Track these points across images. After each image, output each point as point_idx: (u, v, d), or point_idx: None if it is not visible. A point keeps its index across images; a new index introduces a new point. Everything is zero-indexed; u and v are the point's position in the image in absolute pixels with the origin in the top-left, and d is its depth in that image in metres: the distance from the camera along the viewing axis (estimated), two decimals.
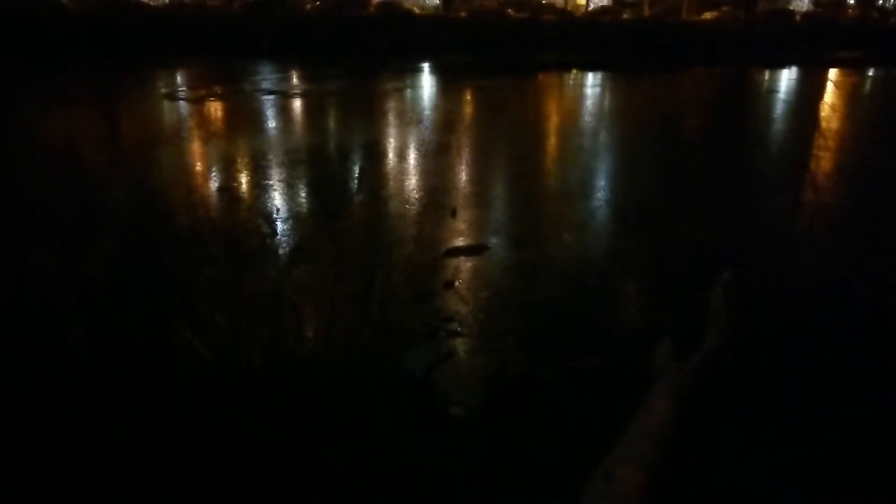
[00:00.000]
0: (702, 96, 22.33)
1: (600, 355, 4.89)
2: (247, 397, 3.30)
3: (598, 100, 20.72)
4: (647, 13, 41.64)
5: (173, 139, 12.93)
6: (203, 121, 15.23)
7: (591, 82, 24.54)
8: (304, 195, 9.43)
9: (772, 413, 4.12)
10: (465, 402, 4.30)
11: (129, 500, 2.93)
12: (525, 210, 8.91)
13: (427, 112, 17.03)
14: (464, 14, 38.38)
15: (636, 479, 2.46)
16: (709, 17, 41.08)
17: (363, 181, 9.16)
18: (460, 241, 7.34)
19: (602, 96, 21.47)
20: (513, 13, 38.68)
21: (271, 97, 18.30)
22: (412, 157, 11.77)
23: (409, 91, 20.88)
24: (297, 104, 17.88)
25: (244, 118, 15.68)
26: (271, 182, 9.77)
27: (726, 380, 4.02)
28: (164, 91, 19.42)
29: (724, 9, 41.69)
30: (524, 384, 4.55)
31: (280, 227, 7.79)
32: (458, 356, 5.03)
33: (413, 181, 10.15)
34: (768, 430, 3.95)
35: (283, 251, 6.78)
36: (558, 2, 43.31)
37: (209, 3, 37.87)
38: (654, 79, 25.45)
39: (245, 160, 11.21)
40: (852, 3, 47.21)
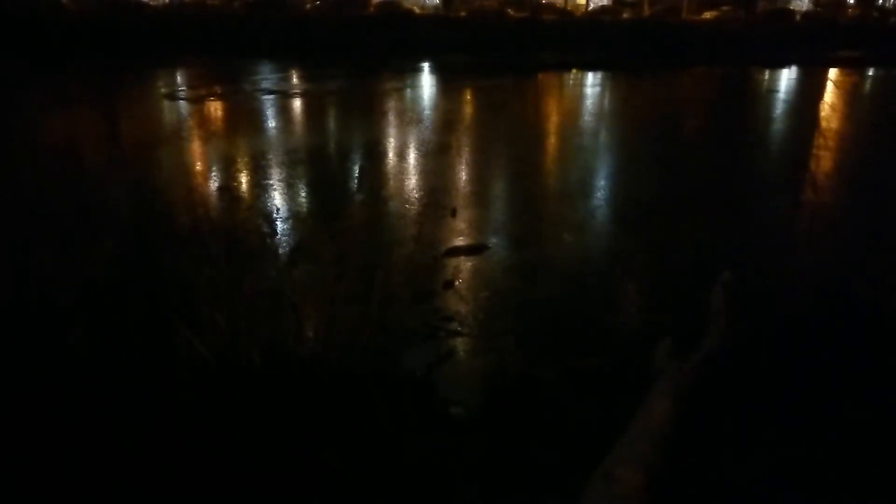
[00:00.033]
0: (702, 96, 22.32)
1: (600, 355, 4.89)
2: (247, 397, 3.31)
3: (598, 99, 20.72)
4: (647, 13, 41.60)
5: (173, 139, 12.93)
6: (203, 120, 15.23)
7: (591, 82, 24.53)
8: (303, 195, 9.43)
9: (772, 413, 4.12)
10: (465, 401, 4.30)
11: (129, 500, 2.93)
12: (525, 210, 8.91)
13: (427, 112, 17.02)
14: (464, 14, 38.35)
15: (636, 479, 2.46)
16: (709, 16, 41.02)
17: (363, 181, 9.15)
18: (460, 241, 7.34)
19: (602, 96, 21.46)
20: (513, 13, 38.65)
21: (271, 97, 18.30)
22: (412, 156, 11.77)
23: (408, 91, 20.87)
24: (297, 104, 17.88)
25: (244, 118, 15.68)
26: (271, 182, 9.77)
27: (726, 380, 4.01)
28: (164, 91, 19.41)
29: (725, 8, 41.64)
30: (524, 384, 4.55)
31: (280, 226, 7.79)
32: (458, 356, 5.04)
33: (413, 181, 10.15)
34: (768, 430, 3.95)
35: (282, 251, 6.78)
36: (558, 1, 43.27)
37: (209, 3, 37.84)
38: (654, 78, 25.44)
39: (245, 160, 11.21)
40: (852, 2, 47.18)
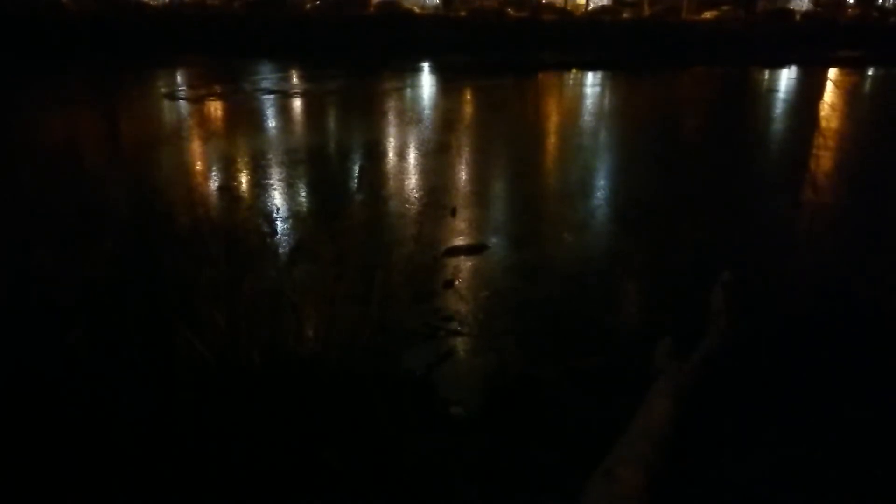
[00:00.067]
0: (702, 96, 22.31)
1: (600, 355, 4.89)
2: (247, 397, 3.31)
3: (597, 99, 20.71)
4: (647, 12, 41.59)
5: (173, 139, 12.93)
6: (203, 120, 15.23)
7: (591, 82, 24.52)
8: (303, 194, 9.43)
9: (772, 413, 4.12)
10: (465, 401, 4.30)
11: (129, 500, 2.93)
12: (525, 209, 8.91)
13: (427, 111, 17.02)
14: (464, 13, 38.34)
15: (636, 479, 2.46)
16: (709, 16, 41.01)
17: (363, 180, 9.15)
18: (460, 241, 7.33)
19: (602, 96, 21.46)
20: (513, 12, 38.64)
21: (271, 97, 18.30)
22: (412, 156, 11.77)
23: (408, 90, 20.87)
24: (296, 104, 17.88)
25: (244, 118, 15.67)
26: (271, 181, 9.76)
27: (726, 380, 4.02)
28: (164, 90, 19.41)
29: (724, 8, 41.63)
30: (524, 384, 4.55)
31: (280, 226, 7.79)
32: (458, 356, 5.03)
33: (413, 180, 10.15)
34: (768, 430, 3.95)
35: (282, 251, 6.78)
36: (558, 1, 43.24)
37: (209, 2, 37.82)
38: (653, 78, 25.44)
39: (245, 159, 11.21)
40: (852, 2, 47.16)
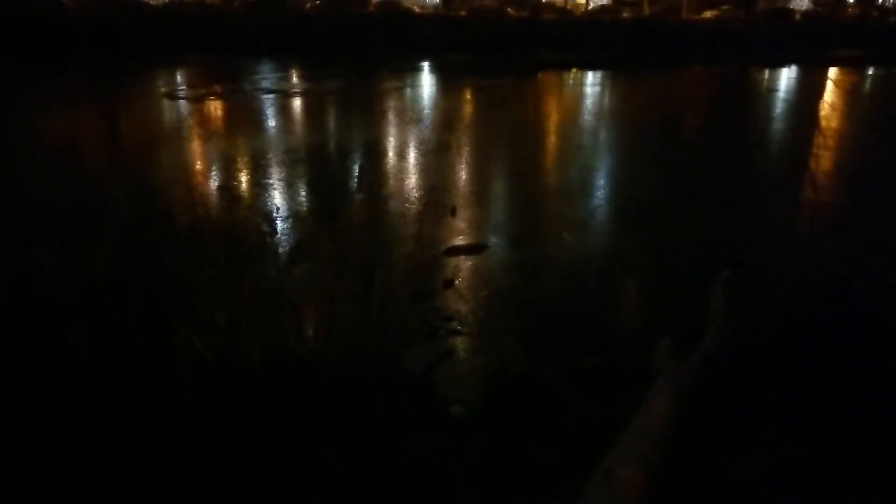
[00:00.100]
0: (702, 95, 22.31)
1: (600, 355, 4.89)
2: (247, 397, 3.30)
3: (597, 99, 20.71)
4: (646, 12, 41.56)
5: (173, 138, 12.92)
6: (203, 120, 15.22)
7: (591, 81, 24.52)
8: (303, 194, 9.43)
9: (772, 413, 4.12)
10: (465, 401, 4.30)
11: (129, 500, 2.93)
12: (525, 209, 8.91)
13: (427, 111, 17.02)
14: (464, 13, 38.32)
15: (636, 479, 2.46)
16: (709, 15, 40.98)
17: (363, 180, 9.15)
18: (460, 240, 7.33)
19: (602, 95, 21.45)
20: (513, 12, 38.62)
21: (271, 96, 18.29)
22: (412, 155, 11.77)
23: (408, 90, 20.86)
24: (296, 103, 17.87)
25: (244, 117, 15.67)
26: (271, 181, 9.76)
27: (726, 380, 4.01)
28: (164, 90, 19.41)
29: (724, 7, 41.61)
30: (524, 384, 4.55)
31: (280, 226, 7.79)
32: (458, 355, 5.04)
33: (413, 180, 10.15)
34: (768, 430, 3.95)
35: (282, 250, 6.77)
36: (558, 1, 43.23)
37: (209, 2, 37.78)
38: (653, 78, 25.43)
39: (245, 159, 11.21)
40: (852, 1, 47.14)
